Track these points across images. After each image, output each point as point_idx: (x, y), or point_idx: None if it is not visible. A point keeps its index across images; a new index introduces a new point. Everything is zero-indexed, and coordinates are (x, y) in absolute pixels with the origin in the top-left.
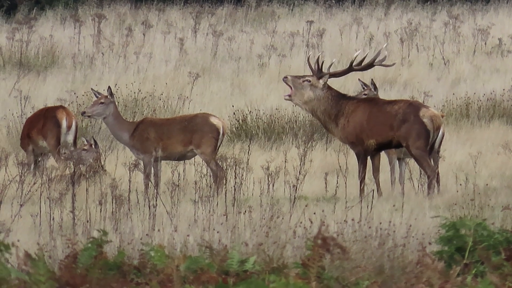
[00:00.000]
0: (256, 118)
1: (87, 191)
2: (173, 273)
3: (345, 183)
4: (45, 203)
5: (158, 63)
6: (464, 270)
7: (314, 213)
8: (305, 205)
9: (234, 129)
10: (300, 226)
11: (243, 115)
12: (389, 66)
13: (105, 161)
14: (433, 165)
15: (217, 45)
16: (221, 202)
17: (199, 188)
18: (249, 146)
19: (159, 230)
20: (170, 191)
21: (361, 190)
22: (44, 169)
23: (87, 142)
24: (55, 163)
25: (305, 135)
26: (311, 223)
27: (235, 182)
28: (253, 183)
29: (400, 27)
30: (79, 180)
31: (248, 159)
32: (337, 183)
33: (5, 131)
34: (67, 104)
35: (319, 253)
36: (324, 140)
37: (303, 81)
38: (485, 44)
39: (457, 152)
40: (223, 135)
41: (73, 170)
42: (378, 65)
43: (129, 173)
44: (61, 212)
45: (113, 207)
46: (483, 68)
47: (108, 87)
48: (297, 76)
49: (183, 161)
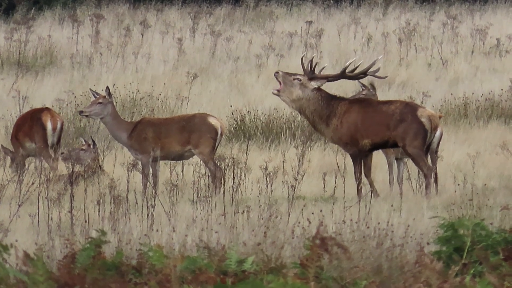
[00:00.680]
0: (254, 118)
1: (85, 191)
2: (171, 273)
3: (343, 183)
4: (43, 203)
5: (156, 63)
6: (462, 270)
7: (312, 213)
8: (303, 205)
9: (232, 129)
10: (298, 226)
11: (241, 115)
12: (382, 78)
13: (103, 161)
14: (431, 165)
15: (215, 45)
16: (219, 202)
17: (197, 188)
18: (247, 146)
19: (157, 230)
20: (168, 191)
21: (358, 190)
22: (42, 169)
23: (85, 142)
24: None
25: (303, 135)
26: (309, 223)
27: (233, 182)
28: (251, 183)
29: (398, 27)
30: (77, 180)
31: (246, 159)
32: (335, 183)
33: (3, 131)
34: (65, 104)
35: (317, 253)
36: (322, 140)
37: (294, 79)
38: (483, 44)
39: (455, 152)
40: (221, 135)
41: (71, 170)
42: (371, 75)
43: (128, 173)
44: (59, 212)
45: (111, 207)
46: (481, 68)
47: (106, 87)
48: (288, 73)
49: (181, 161)
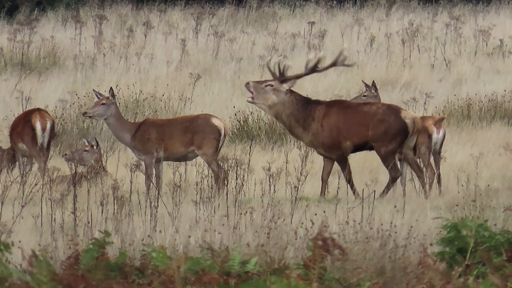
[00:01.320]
0: (257, 119)
1: (88, 192)
2: (175, 274)
3: (346, 184)
4: (46, 204)
5: (159, 64)
6: (465, 271)
7: (315, 214)
8: (306, 206)
9: (235, 130)
10: (301, 227)
11: (245, 116)
12: (350, 66)
13: (106, 162)
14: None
15: (218, 46)
16: (223, 203)
17: (201, 189)
18: (250, 147)
19: (160, 231)
20: (171, 192)
21: (353, 192)
22: (45, 170)
23: (88, 143)
24: (56, 164)
25: None
26: (313, 224)
27: (237, 183)
28: (255, 184)
29: (401, 28)
30: (80, 181)
31: (249, 160)
32: (338, 184)
33: (6, 132)
34: (68, 105)
35: (320, 254)
36: None
37: (266, 86)
38: (487, 45)
39: (458, 153)
40: (225, 136)
41: (74, 171)
42: (340, 66)
43: (131, 174)
44: (62, 213)
45: (114, 208)
46: (485, 69)
47: (109, 88)
48: (259, 81)
49: (185, 162)
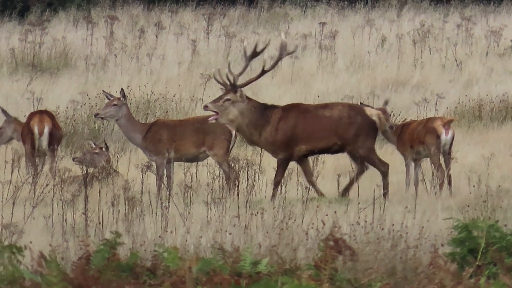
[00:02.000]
0: None
1: (99, 193)
2: (186, 274)
3: (358, 185)
4: (57, 205)
5: (170, 65)
6: (476, 272)
7: (326, 215)
8: (317, 207)
9: None
10: (312, 227)
11: None
12: (292, 52)
13: (117, 162)
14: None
15: (229, 47)
16: (234, 203)
17: (212, 189)
18: None
19: (171, 231)
20: (182, 192)
21: (274, 193)
22: (56, 170)
23: (95, 145)
24: (67, 165)
25: None
26: (324, 224)
27: (248, 183)
28: (266, 185)
29: (412, 28)
30: (91, 181)
31: (260, 161)
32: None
33: None
34: (79, 105)
35: (331, 255)
36: None
37: (224, 102)
38: (498, 45)
39: (469, 153)
40: (236, 136)
41: (85, 172)
42: (285, 56)
43: (142, 174)
44: (73, 213)
45: (125, 209)
46: (496, 69)
47: (121, 89)
48: (215, 100)
49: (196, 162)
